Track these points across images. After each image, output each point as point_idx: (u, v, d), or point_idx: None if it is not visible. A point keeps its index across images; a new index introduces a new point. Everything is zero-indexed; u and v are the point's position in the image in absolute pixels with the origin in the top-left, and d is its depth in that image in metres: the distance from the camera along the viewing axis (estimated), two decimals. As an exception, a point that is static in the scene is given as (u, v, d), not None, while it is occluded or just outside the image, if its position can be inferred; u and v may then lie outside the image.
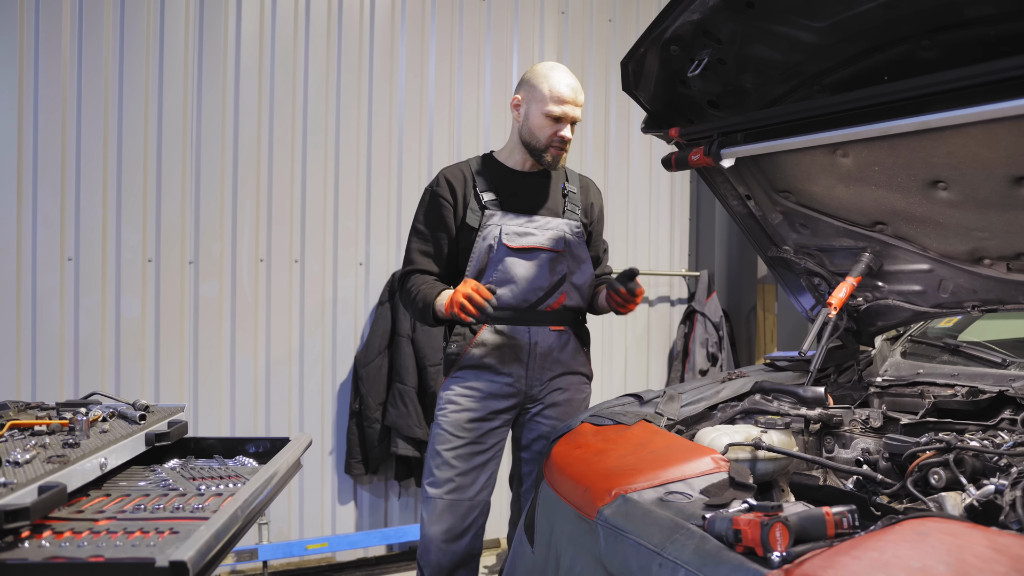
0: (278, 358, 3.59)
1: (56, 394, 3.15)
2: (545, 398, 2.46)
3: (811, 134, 1.80)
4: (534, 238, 2.41)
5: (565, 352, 2.47)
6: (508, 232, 2.39)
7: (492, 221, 2.39)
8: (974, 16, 1.53)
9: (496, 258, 2.38)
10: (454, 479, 2.37)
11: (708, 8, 1.79)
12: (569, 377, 2.49)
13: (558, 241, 2.43)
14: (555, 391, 2.47)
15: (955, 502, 1.43)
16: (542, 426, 2.46)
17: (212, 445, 1.83)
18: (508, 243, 2.38)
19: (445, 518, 2.36)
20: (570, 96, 2.37)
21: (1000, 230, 1.88)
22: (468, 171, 2.48)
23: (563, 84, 2.38)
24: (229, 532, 1.22)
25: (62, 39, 3.17)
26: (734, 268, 4.61)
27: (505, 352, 2.40)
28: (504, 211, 2.42)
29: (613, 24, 4.42)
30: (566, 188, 2.52)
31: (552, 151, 2.41)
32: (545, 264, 2.41)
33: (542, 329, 2.42)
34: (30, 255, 3.14)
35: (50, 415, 1.68)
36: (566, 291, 2.45)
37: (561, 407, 2.47)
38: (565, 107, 2.37)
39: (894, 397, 2.19)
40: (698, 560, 1.24)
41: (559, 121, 2.38)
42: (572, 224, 2.48)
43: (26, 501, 1.13)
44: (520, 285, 2.39)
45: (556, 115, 2.37)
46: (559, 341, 2.45)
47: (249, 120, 3.51)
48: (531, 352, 2.41)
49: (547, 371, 2.44)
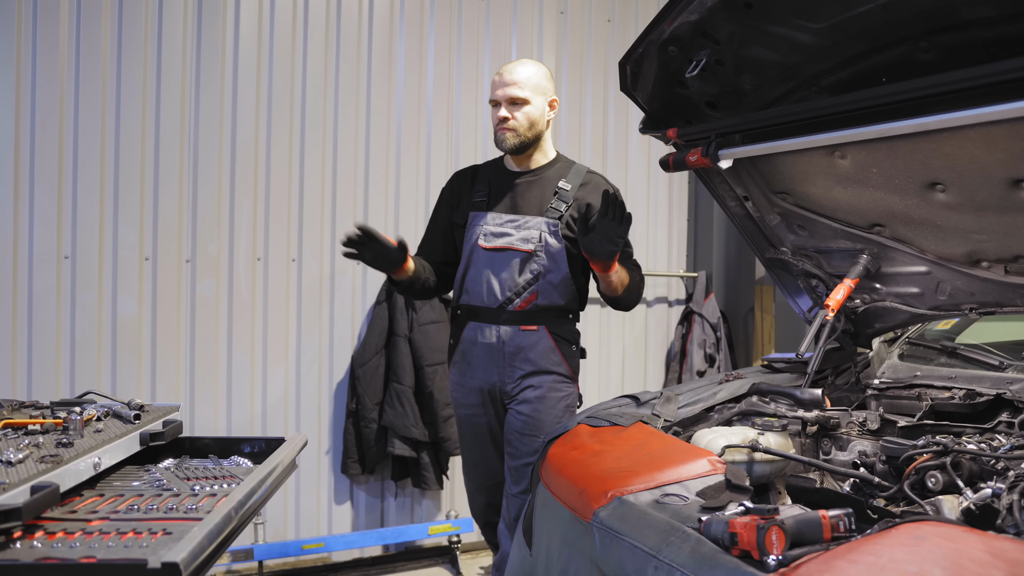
0: (275, 357, 3.58)
1: (51, 392, 3.13)
2: (518, 395, 2.52)
3: (809, 135, 1.80)
4: (508, 238, 2.49)
5: (535, 351, 2.49)
6: (486, 232, 2.50)
7: (476, 221, 2.52)
8: (972, 18, 1.53)
9: (474, 258, 2.51)
10: (474, 468, 2.68)
11: (706, 9, 1.79)
12: (541, 376, 2.51)
13: (530, 241, 2.47)
14: (527, 388, 2.51)
15: (952, 505, 1.43)
16: (516, 421, 2.51)
17: (207, 445, 1.83)
18: (483, 243, 2.50)
19: (478, 499, 2.71)
20: (497, 79, 2.50)
21: (998, 232, 1.88)
22: (474, 171, 2.65)
23: (496, 73, 2.53)
24: (223, 533, 1.21)
25: (60, 37, 3.16)
26: (732, 269, 4.61)
27: (479, 350, 2.53)
28: (489, 211, 2.52)
29: (612, 24, 4.42)
30: (559, 186, 2.52)
31: (499, 132, 2.51)
32: (515, 264, 2.48)
33: (511, 328, 2.48)
34: (26, 253, 3.13)
35: (44, 414, 1.68)
36: (539, 290, 2.48)
37: (531, 404, 2.49)
38: (496, 92, 2.49)
39: (891, 399, 2.18)
40: (694, 563, 1.24)
41: (497, 106, 2.49)
42: (550, 223, 2.48)
43: (18, 501, 1.12)
44: (491, 284, 2.49)
45: (491, 100, 2.52)
46: (529, 340, 2.49)
47: (247, 119, 3.50)
48: (500, 351, 2.49)
49: (517, 369, 2.50)
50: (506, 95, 2.46)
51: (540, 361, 2.50)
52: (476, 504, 2.73)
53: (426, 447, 3.61)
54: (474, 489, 2.71)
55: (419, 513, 3.87)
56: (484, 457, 2.62)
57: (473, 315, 2.53)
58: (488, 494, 2.67)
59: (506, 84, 2.46)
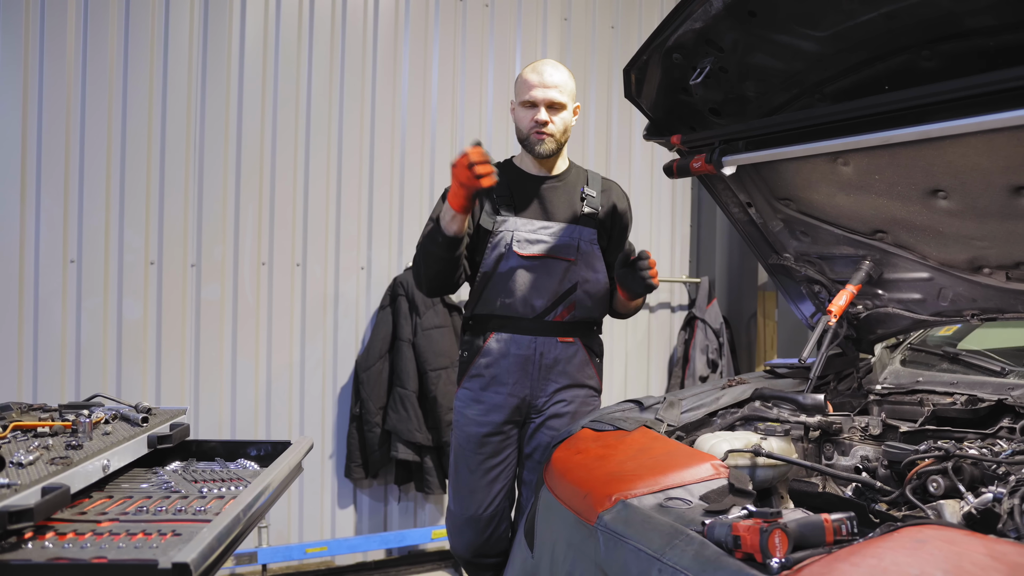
0: (279, 362, 3.59)
1: (57, 396, 3.15)
2: (548, 409, 2.44)
3: (812, 142, 1.81)
4: (546, 245, 2.38)
5: (572, 364, 2.44)
6: (520, 239, 2.37)
7: (505, 227, 2.38)
8: (974, 27, 1.54)
9: (506, 265, 2.37)
10: (469, 496, 2.45)
11: (710, 17, 1.80)
12: (575, 390, 2.45)
13: (570, 250, 2.40)
14: (559, 403, 2.44)
15: (953, 510, 1.44)
16: (544, 437, 2.43)
17: (214, 448, 1.84)
18: (519, 251, 2.36)
19: (465, 533, 2.48)
20: (536, 80, 2.35)
21: (1000, 239, 1.89)
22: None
23: (531, 71, 2.37)
24: (231, 535, 1.22)
25: (67, 41, 3.18)
26: (735, 275, 4.62)
27: (510, 362, 2.39)
28: (518, 216, 2.40)
29: (615, 31, 4.43)
30: (584, 192, 2.46)
31: (533, 136, 2.38)
32: (555, 273, 2.39)
33: (549, 339, 2.40)
34: (33, 257, 3.15)
35: (53, 417, 1.69)
36: (576, 301, 2.41)
37: (564, 419, 2.42)
38: (533, 91, 2.34)
39: (893, 405, 2.19)
40: (697, 566, 1.25)
41: (533, 106, 2.36)
42: (587, 231, 2.43)
43: (30, 502, 1.13)
44: (528, 294, 2.37)
45: (527, 100, 2.36)
46: (566, 353, 2.43)
47: (252, 123, 3.52)
48: (537, 363, 2.40)
49: (552, 383, 2.42)
50: (547, 98, 2.33)
51: (577, 375, 2.44)
52: (461, 540, 2.49)
53: (429, 451, 3.61)
54: (463, 523, 2.46)
55: (422, 517, 3.88)
56: (487, 482, 2.43)
57: (503, 325, 2.39)
58: (476, 530, 2.45)
59: (547, 86, 2.33)
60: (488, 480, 2.44)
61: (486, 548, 2.48)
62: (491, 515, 2.45)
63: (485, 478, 2.43)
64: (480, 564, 2.51)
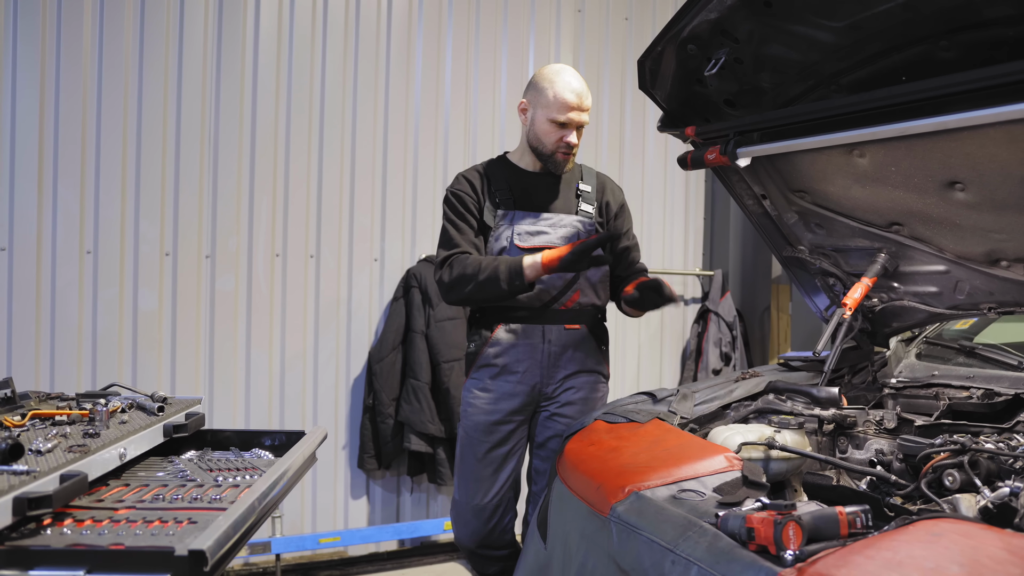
0: (293, 353, 3.61)
1: (73, 385, 3.18)
2: (559, 397, 2.47)
3: (828, 134, 1.80)
4: (546, 236, 2.43)
5: (580, 351, 2.47)
6: (520, 232, 2.41)
7: (505, 221, 2.43)
8: (993, 17, 1.53)
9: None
10: (475, 484, 2.46)
11: (726, 7, 1.79)
12: (584, 376, 2.49)
13: (570, 239, 2.43)
14: (569, 390, 2.47)
15: (969, 504, 1.43)
16: (557, 425, 2.46)
17: (229, 437, 1.86)
18: (520, 243, 2.40)
19: (470, 523, 2.48)
20: (575, 102, 2.35)
21: (1018, 232, 1.87)
22: (482, 172, 2.51)
23: (568, 90, 2.35)
24: (246, 523, 1.23)
25: (83, 37, 3.20)
26: (748, 268, 4.60)
27: (519, 351, 2.43)
28: (516, 210, 2.44)
29: (629, 22, 4.41)
30: (580, 187, 2.53)
31: (559, 156, 2.41)
32: None
33: (556, 327, 2.44)
34: (50, 248, 3.18)
35: (70, 406, 1.71)
36: (580, 288, 2.45)
37: (576, 406, 2.47)
38: (570, 114, 2.35)
39: (908, 398, 2.18)
40: (711, 558, 1.25)
41: (564, 127, 2.37)
42: (585, 221, 2.48)
43: (48, 489, 1.15)
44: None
45: (560, 121, 2.36)
46: (574, 339, 2.46)
47: (266, 116, 3.53)
48: (545, 351, 2.43)
49: (561, 370, 2.45)
50: (581, 121, 2.38)
51: (585, 360, 2.48)
52: (466, 530, 2.49)
53: (442, 443, 3.62)
54: (467, 511, 2.47)
55: (434, 508, 3.89)
56: (493, 471, 2.45)
57: (510, 316, 2.42)
58: (481, 520, 2.46)
59: (583, 110, 2.37)
60: (494, 469, 2.46)
61: (491, 539, 2.48)
62: (496, 504, 2.46)
63: (491, 467, 2.45)
64: (485, 556, 2.52)
